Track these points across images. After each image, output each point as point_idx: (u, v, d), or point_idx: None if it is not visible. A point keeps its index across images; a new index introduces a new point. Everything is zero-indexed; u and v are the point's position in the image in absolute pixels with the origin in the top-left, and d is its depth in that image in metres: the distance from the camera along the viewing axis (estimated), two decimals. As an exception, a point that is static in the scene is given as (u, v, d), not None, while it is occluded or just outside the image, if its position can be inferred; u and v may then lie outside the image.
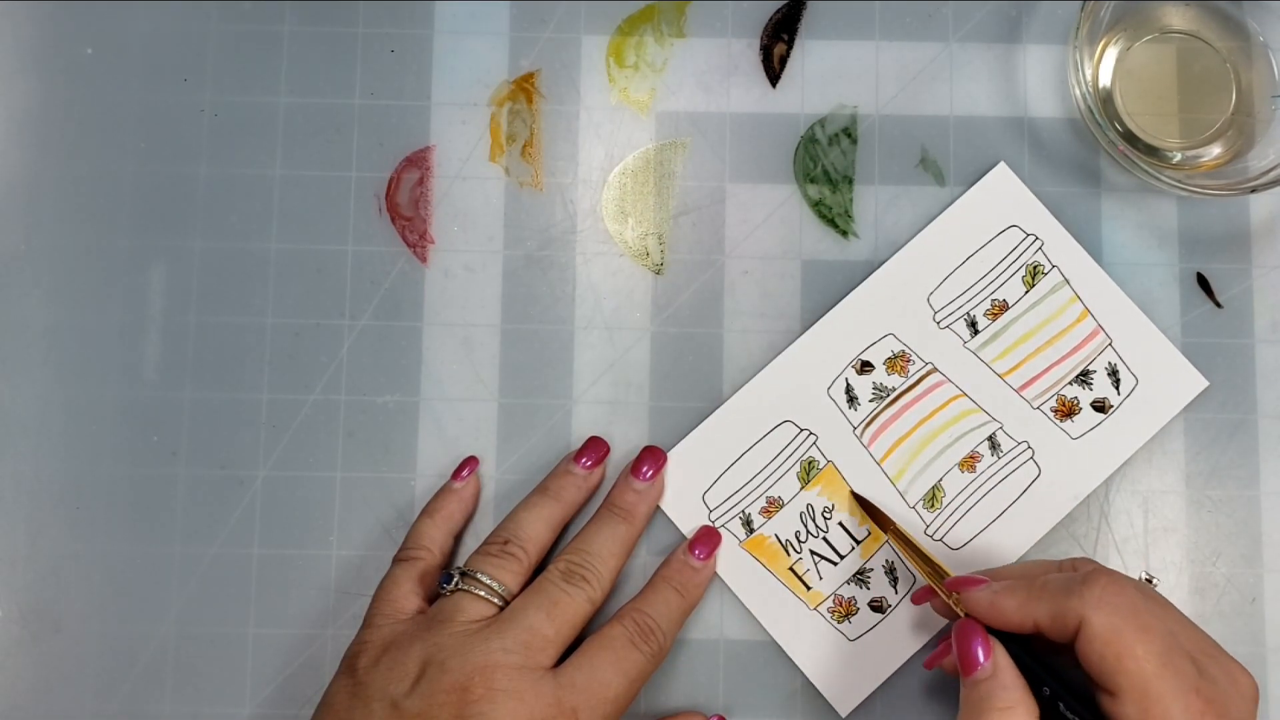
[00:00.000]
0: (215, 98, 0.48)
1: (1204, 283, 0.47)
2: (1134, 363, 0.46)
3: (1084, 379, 0.46)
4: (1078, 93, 0.45)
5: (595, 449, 0.45)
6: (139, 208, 0.47)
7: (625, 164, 0.48)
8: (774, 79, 0.48)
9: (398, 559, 0.44)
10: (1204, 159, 0.47)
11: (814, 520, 0.45)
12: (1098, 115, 0.45)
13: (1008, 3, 0.48)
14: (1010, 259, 0.46)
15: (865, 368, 0.46)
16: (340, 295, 0.47)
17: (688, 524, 0.45)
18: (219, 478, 0.46)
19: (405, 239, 0.47)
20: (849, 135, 0.48)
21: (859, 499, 0.45)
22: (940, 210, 0.47)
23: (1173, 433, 0.46)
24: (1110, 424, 0.46)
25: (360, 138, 0.48)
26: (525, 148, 0.48)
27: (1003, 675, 0.37)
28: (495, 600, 0.41)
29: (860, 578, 0.45)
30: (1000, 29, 0.48)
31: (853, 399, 0.46)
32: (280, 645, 0.45)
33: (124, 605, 0.46)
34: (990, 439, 0.46)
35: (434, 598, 0.42)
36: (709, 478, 0.46)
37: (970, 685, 0.37)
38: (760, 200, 0.47)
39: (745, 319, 0.47)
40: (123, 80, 0.48)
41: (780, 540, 0.45)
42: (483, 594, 0.41)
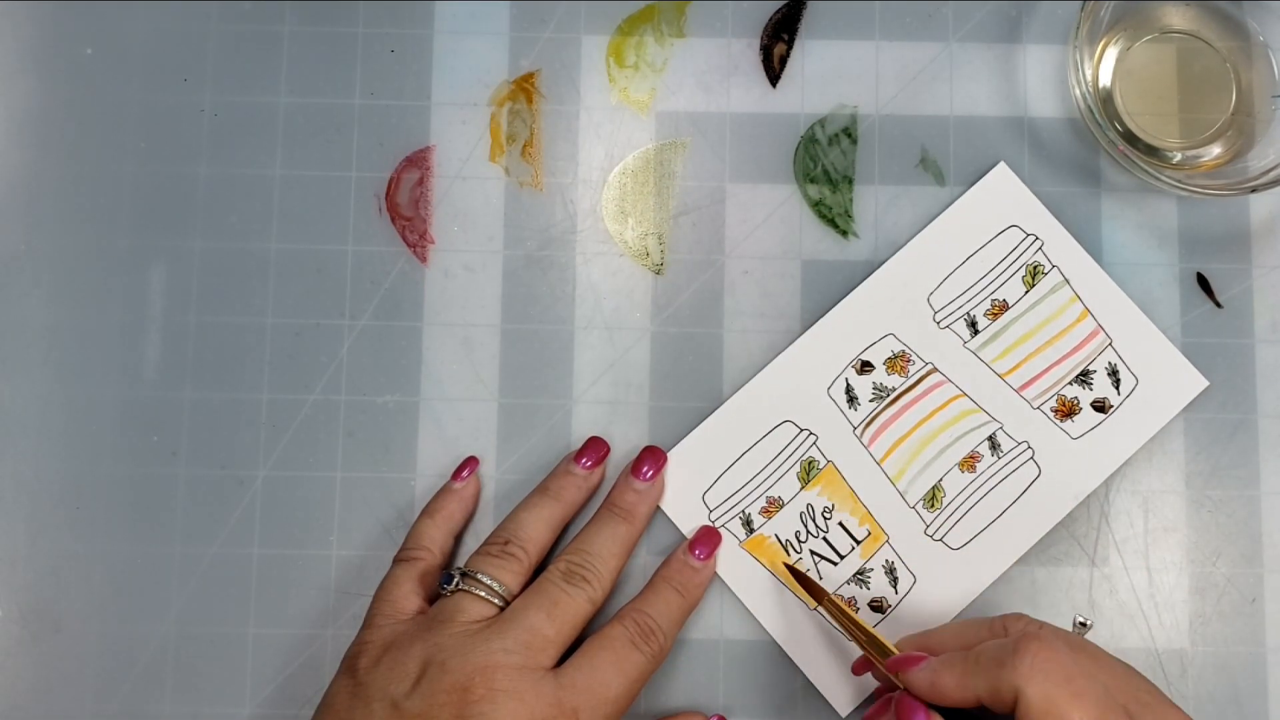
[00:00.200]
0: (215, 98, 0.48)
1: (1204, 283, 0.47)
2: (1134, 363, 0.46)
3: (1084, 379, 0.46)
4: (1078, 93, 0.45)
5: (595, 449, 0.45)
6: (139, 208, 0.47)
7: (625, 164, 0.48)
8: (774, 79, 0.48)
9: (398, 559, 0.44)
10: (1204, 159, 0.47)
11: (814, 520, 0.45)
12: (1098, 115, 0.45)
13: (1008, 3, 0.48)
14: (1010, 259, 0.46)
15: (865, 368, 0.46)
16: (340, 295, 0.47)
17: (688, 524, 0.45)
18: (219, 478, 0.46)
19: (405, 239, 0.47)
20: (849, 135, 0.48)
21: (793, 570, 0.44)
22: (940, 210, 0.47)
23: (1173, 433, 0.46)
24: (1110, 424, 0.46)
25: (360, 138, 0.48)
26: (525, 148, 0.48)
27: None
28: (496, 600, 0.41)
29: (860, 578, 0.45)
30: (1000, 29, 0.48)
31: (853, 399, 0.46)
32: (280, 645, 0.45)
33: (124, 605, 0.46)
34: (990, 439, 0.46)
35: (434, 598, 0.42)
36: (709, 478, 0.46)
37: None
38: (760, 200, 0.47)
39: (745, 319, 0.47)
40: (123, 80, 0.48)
41: (780, 540, 0.45)
42: (483, 594, 0.41)
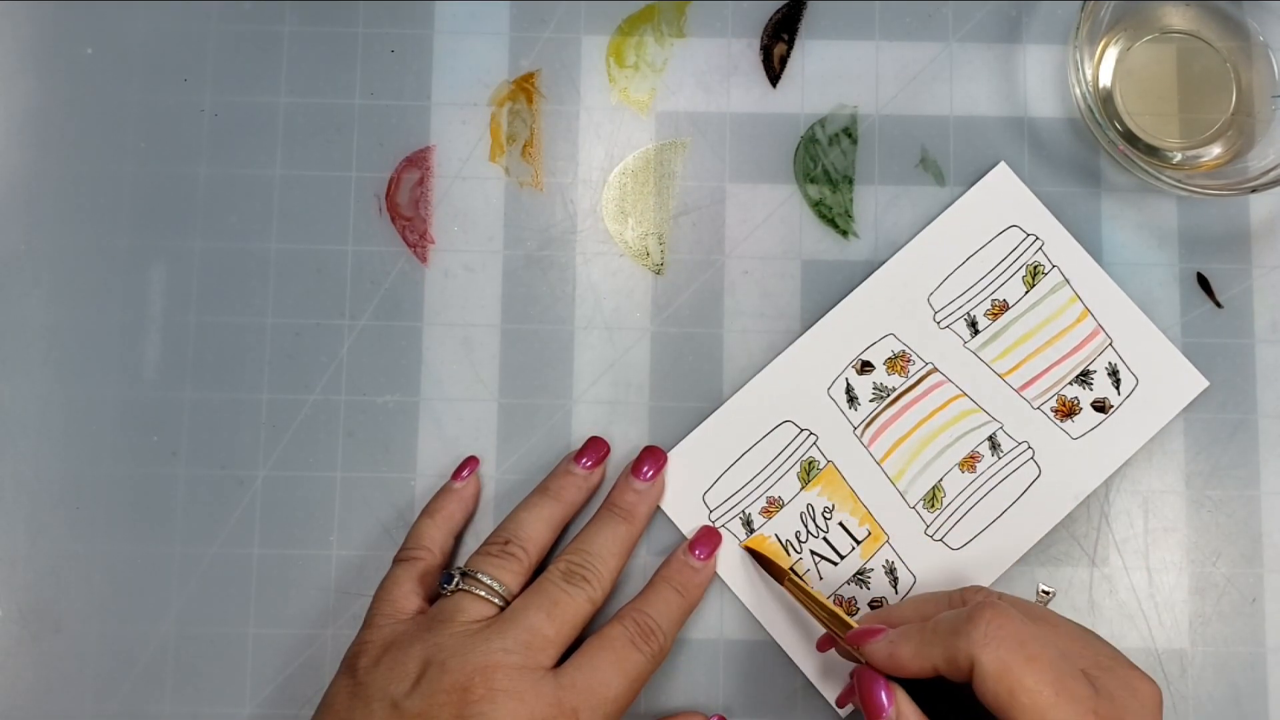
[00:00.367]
0: (215, 98, 0.48)
1: (1204, 283, 0.47)
2: (1134, 363, 0.46)
3: (1084, 379, 0.46)
4: (1078, 93, 0.45)
5: (595, 449, 0.45)
6: (139, 208, 0.47)
7: (625, 164, 0.48)
8: (774, 79, 0.48)
9: (398, 559, 0.44)
10: (1204, 159, 0.47)
11: (814, 520, 0.45)
12: (1098, 115, 0.45)
13: (1008, 3, 0.48)
14: (1010, 259, 0.46)
15: (865, 368, 0.46)
16: (340, 295, 0.47)
17: (688, 524, 0.45)
18: (219, 478, 0.46)
19: (405, 239, 0.47)
20: (849, 135, 0.48)
21: (752, 552, 0.44)
22: (940, 210, 0.47)
23: (1173, 433, 0.46)
24: (1110, 424, 0.46)
25: (360, 138, 0.48)
26: (525, 148, 0.48)
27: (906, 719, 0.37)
28: (496, 600, 0.41)
29: (860, 578, 0.45)
30: (1000, 29, 0.48)
31: (853, 399, 0.46)
32: (280, 645, 0.45)
33: (124, 605, 0.46)
34: (990, 439, 0.46)
35: (434, 598, 0.42)
36: (709, 478, 0.46)
37: None
38: (760, 200, 0.47)
39: (745, 319, 0.47)
40: (123, 80, 0.48)
41: (780, 540, 0.45)
42: (483, 594, 0.41)
